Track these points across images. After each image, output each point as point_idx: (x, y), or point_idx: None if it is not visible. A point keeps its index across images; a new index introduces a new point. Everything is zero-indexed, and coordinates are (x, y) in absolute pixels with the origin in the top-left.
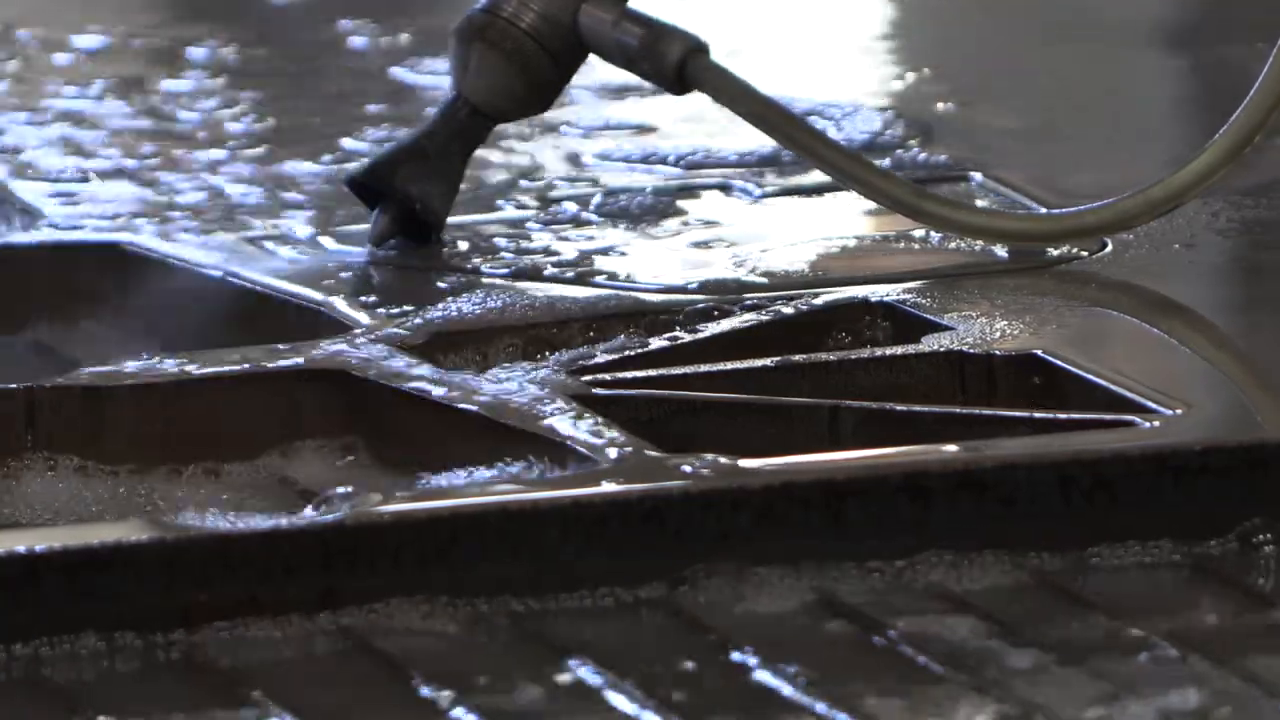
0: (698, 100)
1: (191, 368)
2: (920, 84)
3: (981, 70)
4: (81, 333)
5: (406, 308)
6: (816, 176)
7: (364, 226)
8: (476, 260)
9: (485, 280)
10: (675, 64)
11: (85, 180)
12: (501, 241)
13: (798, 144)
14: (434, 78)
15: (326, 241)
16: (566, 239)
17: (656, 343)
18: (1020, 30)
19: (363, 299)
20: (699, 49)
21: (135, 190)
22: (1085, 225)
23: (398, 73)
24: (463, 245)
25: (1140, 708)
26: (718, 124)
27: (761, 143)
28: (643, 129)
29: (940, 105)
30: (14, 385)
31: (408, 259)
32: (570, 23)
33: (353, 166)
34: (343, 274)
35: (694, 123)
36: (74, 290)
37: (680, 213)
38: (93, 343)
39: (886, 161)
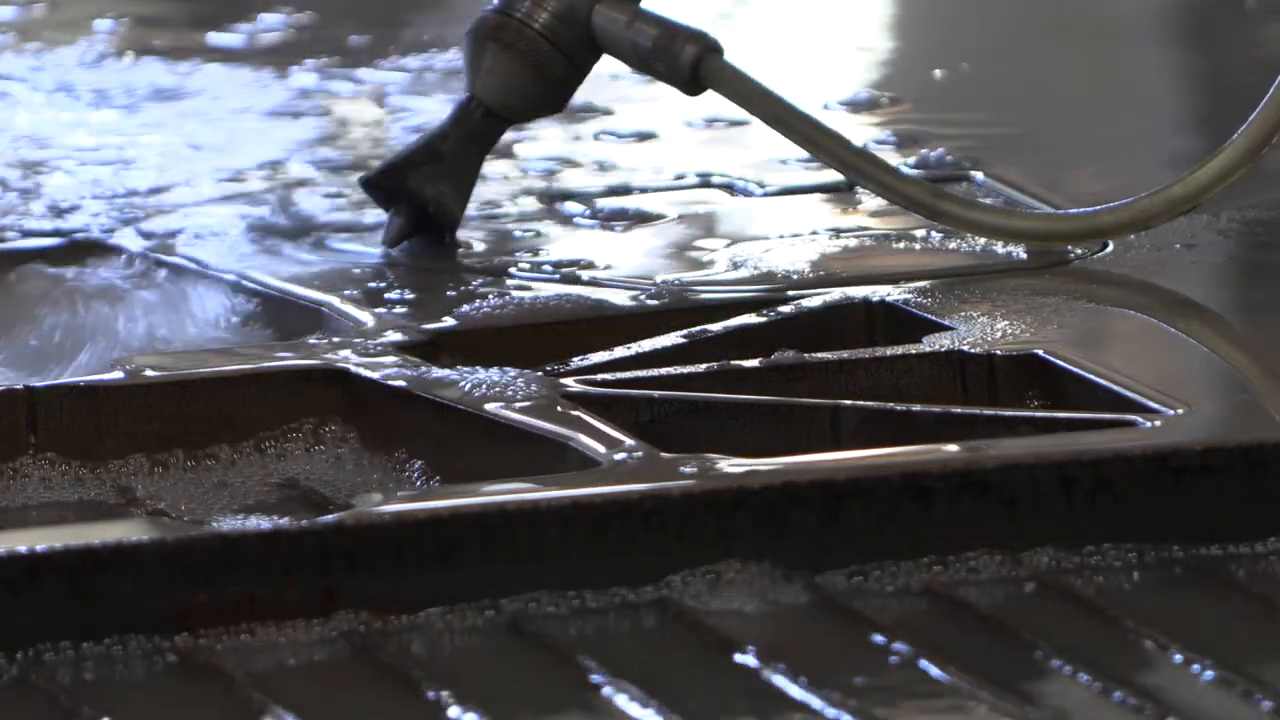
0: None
1: (193, 368)
2: (921, 84)
3: (983, 70)
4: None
5: (413, 308)
6: (817, 177)
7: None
8: (487, 261)
9: (492, 281)
10: (689, 64)
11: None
12: (510, 242)
13: (814, 144)
14: None
15: (339, 242)
16: (571, 239)
17: (656, 342)
18: (1022, 29)
19: (371, 299)
20: (713, 49)
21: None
22: (1104, 225)
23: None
24: (475, 246)
25: (1141, 707)
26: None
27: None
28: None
29: (941, 105)
30: (14, 385)
31: (421, 260)
32: (584, 23)
33: (368, 167)
34: (354, 274)
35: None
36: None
37: (681, 213)
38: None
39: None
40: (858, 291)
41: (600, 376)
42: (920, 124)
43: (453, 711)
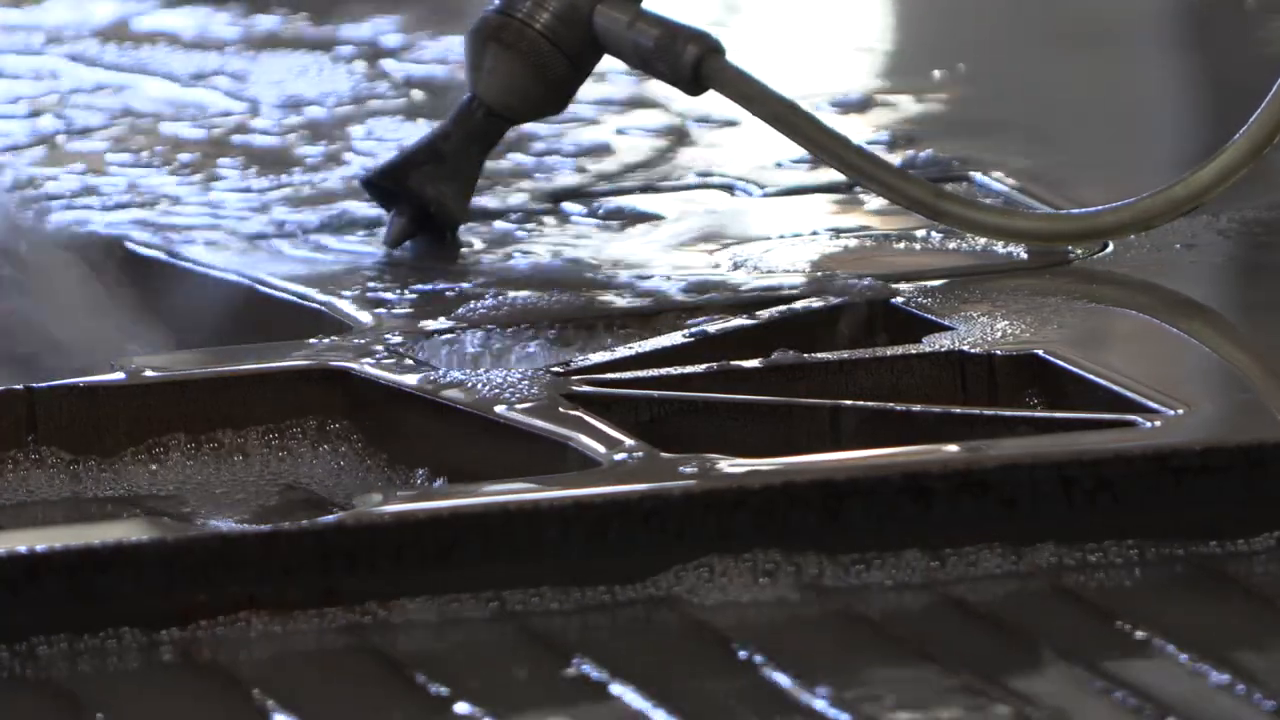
0: None
1: (193, 368)
2: (924, 84)
3: (984, 70)
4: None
5: (413, 308)
6: (817, 177)
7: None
8: (488, 260)
9: (494, 280)
10: (691, 64)
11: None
12: (511, 242)
13: (816, 144)
14: None
15: (341, 242)
16: (571, 239)
17: (657, 342)
18: (1020, 29)
19: (371, 299)
20: (715, 49)
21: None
22: (1105, 225)
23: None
24: (476, 246)
25: (1141, 707)
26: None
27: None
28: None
29: (942, 105)
30: (14, 385)
31: (423, 260)
32: (585, 23)
33: (369, 167)
34: (355, 274)
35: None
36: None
37: (682, 212)
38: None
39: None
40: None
41: (600, 376)
42: (919, 124)
43: (451, 710)
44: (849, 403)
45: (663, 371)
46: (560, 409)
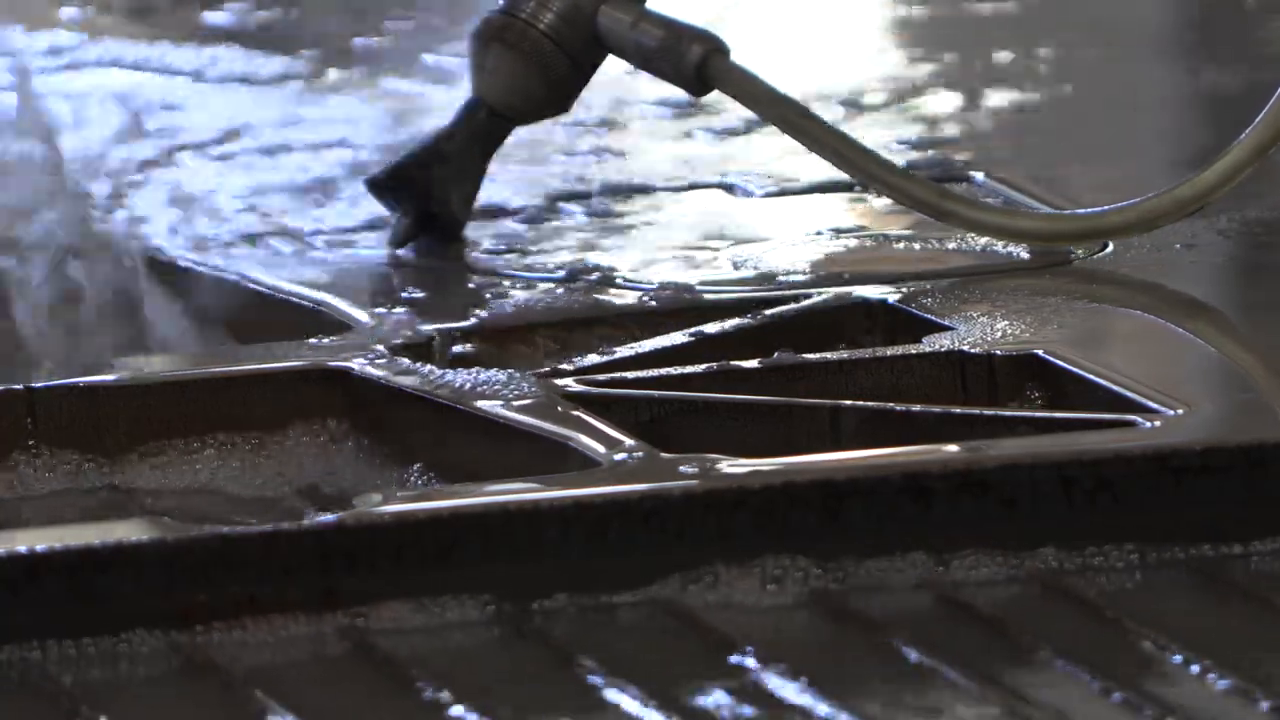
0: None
1: (192, 368)
2: (925, 85)
3: (985, 71)
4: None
5: (416, 309)
6: (818, 177)
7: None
8: (490, 261)
9: (494, 281)
10: (695, 64)
11: None
12: (513, 242)
13: (820, 144)
14: None
15: (343, 242)
16: (572, 240)
17: (657, 342)
18: (1021, 29)
19: (371, 299)
20: (719, 49)
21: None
22: (1110, 225)
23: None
24: (480, 246)
25: (1141, 708)
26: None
27: None
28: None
29: (944, 106)
30: (14, 385)
31: (426, 260)
32: (589, 23)
33: (372, 168)
34: (358, 275)
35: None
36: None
37: (681, 212)
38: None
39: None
40: (858, 291)
41: (600, 376)
42: (921, 125)
43: (451, 711)
44: (849, 403)
45: (663, 371)
46: (560, 409)
